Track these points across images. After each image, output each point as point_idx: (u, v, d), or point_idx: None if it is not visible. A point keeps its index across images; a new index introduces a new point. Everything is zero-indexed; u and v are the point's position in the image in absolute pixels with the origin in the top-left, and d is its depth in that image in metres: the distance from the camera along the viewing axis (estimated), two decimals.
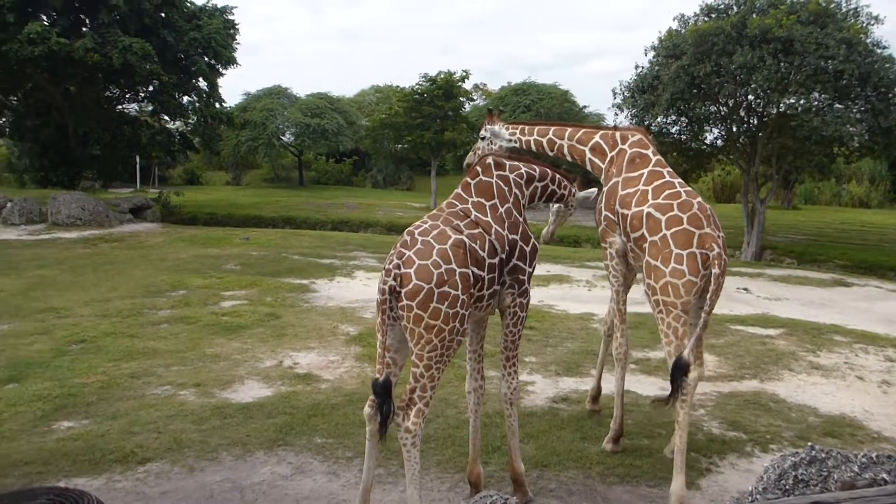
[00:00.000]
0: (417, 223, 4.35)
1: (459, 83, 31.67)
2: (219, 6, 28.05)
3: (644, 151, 5.56)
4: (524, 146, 6.40)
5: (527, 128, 6.42)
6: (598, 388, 6.54)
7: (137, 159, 34.85)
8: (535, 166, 5.05)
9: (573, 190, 5.36)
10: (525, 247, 4.71)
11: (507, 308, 4.73)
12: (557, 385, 7.34)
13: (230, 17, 27.99)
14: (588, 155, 5.95)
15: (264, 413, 6.22)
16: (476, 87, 54.16)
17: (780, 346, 9.15)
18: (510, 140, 6.42)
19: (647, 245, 5.00)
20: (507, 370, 4.83)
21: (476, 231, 4.40)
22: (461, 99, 32.39)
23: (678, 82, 18.01)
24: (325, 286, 12.54)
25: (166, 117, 29.64)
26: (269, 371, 7.46)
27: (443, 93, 30.78)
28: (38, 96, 27.14)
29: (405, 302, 4.00)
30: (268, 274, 13.28)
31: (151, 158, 35.40)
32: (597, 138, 5.92)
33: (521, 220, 4.78)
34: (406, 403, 4.07)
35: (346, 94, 54.74)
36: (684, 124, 20.78)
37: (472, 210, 4.57)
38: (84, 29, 24.66)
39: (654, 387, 7.27)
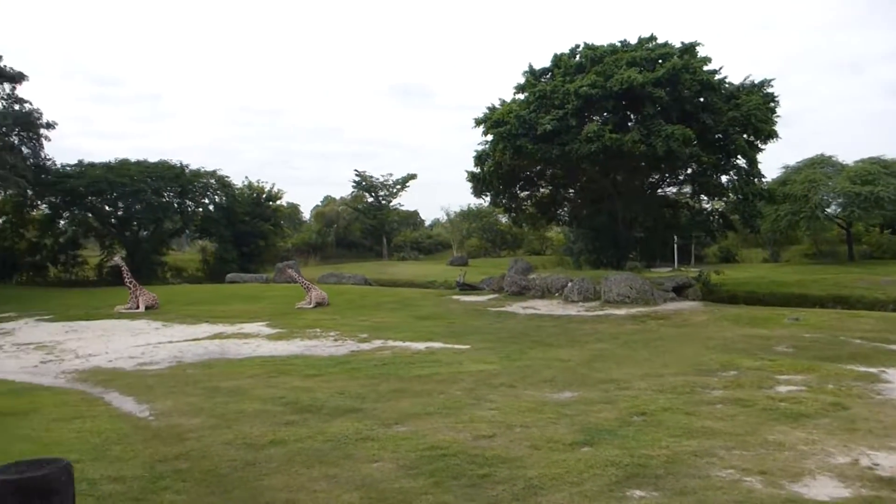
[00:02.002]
0: None
1: None
2: (756, 82, 27.81)
3: None
4: None
5: None
6: None
7: (675, 239, 36.29)
8: None
9: None
10: None
11: None
12: None
13: (769, 91, 27.45)
14: None
15: None
16: None
17: None
18: None
19: None
20: None
21: None
22: None
23: None
24: None
25: (704, 197, 30.26)
26: (843, 469, 6.64)
27: None
28: (591, 187, 30.54)
29: None
30: (825, 359, 12.13)
31: (690, 238, 36.42)
32: None
33: None
34: None
35: None
36: None
37: None
38: (629, 123, 27.01)
39: None
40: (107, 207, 42.78)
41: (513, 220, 37.00)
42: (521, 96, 29.12)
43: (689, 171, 28.90)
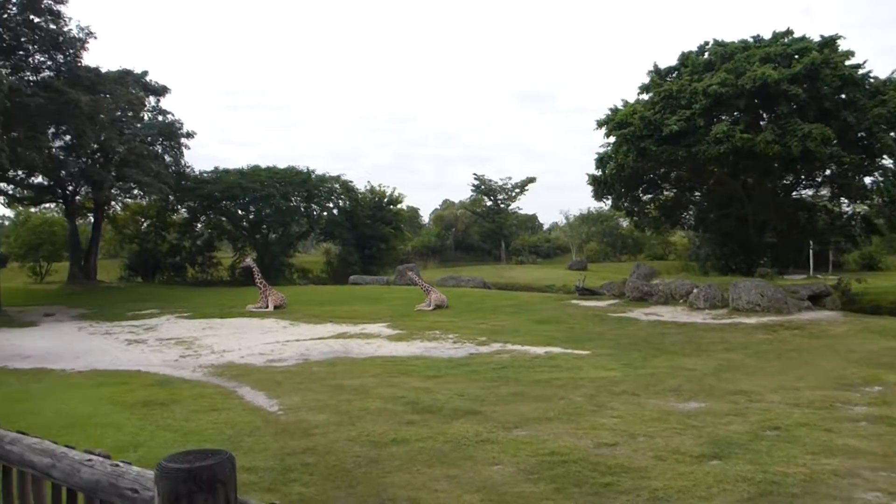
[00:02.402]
0: None
1: None
2: None
3: None
4: None
5: None
6: None
7: (811, 245, 34.21)
8: None
9: None
10: None
11: None
12: None
13: None
14: None
15: None
16: None
17: None
18: None
19: None
20: None
21: None
22: None
23: None
24: None
25: (845, 200, 28.40)
26: None
27: None
28: (719, 190, 29.30)
29: None
30: None
31: (828, 244, 34.28)
32: None
33: None
34: None
35: None
36: None
37: None
38: (762, 123, 25.70)
39: None
40: (239, 211, 45.17)
41: (635, 223, 36.13)
42: (645, 97, 28.38)
43: (828, 172, 27.20)
